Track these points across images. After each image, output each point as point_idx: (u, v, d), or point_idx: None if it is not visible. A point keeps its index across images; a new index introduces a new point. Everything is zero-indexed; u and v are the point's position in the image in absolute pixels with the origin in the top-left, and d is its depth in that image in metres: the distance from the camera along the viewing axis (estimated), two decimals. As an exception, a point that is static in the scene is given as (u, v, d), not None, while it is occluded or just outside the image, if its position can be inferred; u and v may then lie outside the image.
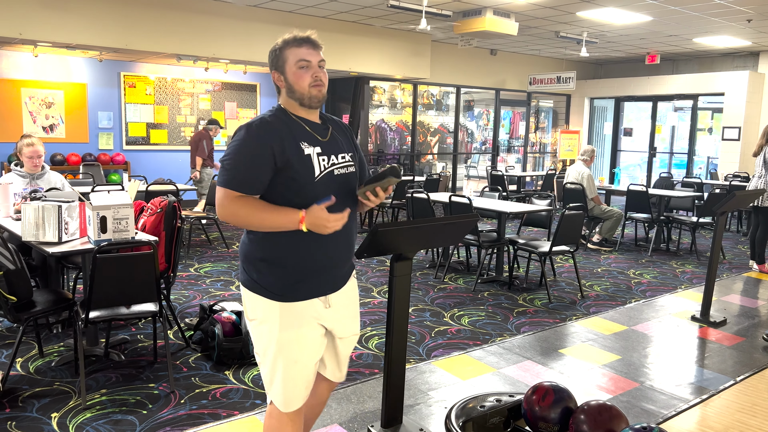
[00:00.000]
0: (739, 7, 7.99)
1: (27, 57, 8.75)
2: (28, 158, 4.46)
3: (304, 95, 2.03)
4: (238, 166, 1.94)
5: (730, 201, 4.56)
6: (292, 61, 2.02)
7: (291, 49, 2.03)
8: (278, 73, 2.06)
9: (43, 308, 3.34)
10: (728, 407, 3.33)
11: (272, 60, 2.08)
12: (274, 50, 2.08)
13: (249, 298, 2.06)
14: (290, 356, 2.03)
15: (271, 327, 2.02)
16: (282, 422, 2.09)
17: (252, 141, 1.95)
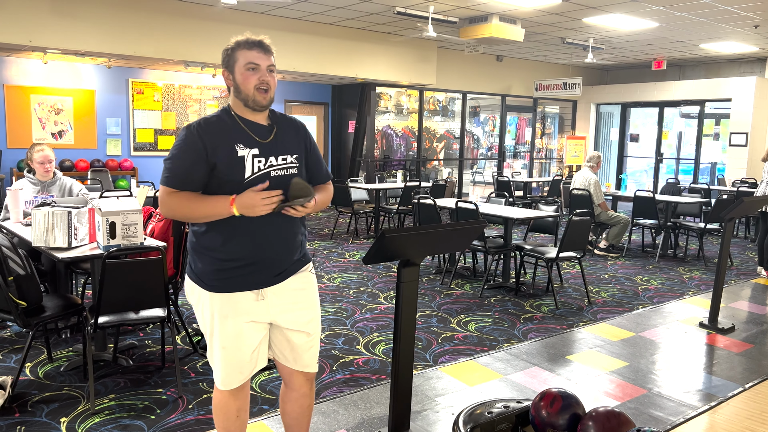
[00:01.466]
0: (745, 12, 7.98)
1: (36, 64, 8.83)
2: (39, 164, 4.49)
3: (249, 97, 2.11)
4: (175, 164, 2.07)
5: (738, 207, 4.55)
6: (241, 63, 2.10)
7: (242, 50, 2.11)
8: (228, 72, 2.15)
9: (52, 313, 3.36)
10: (737, 414, 3.32)
11: (224, 59, 2.16)
12: (226, 50, 2.15)
13: (187, 284, 2.23)
14: (219, 342, 2.18)
15: (204, 313, 2.19)
16: (223, 396, 2.26)
17: (189, 140, 2.06)
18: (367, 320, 4.78)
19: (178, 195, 2.06)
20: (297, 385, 2.36)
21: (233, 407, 2.27)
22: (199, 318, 2.23)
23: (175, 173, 2.07)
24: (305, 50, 9.35)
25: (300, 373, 2.35)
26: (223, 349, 2.17)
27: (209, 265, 2.13)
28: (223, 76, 2.17)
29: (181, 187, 2.06)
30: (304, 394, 2.39)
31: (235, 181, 2.08)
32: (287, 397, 2.40)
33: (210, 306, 2.15)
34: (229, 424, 2.29)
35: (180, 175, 2.06)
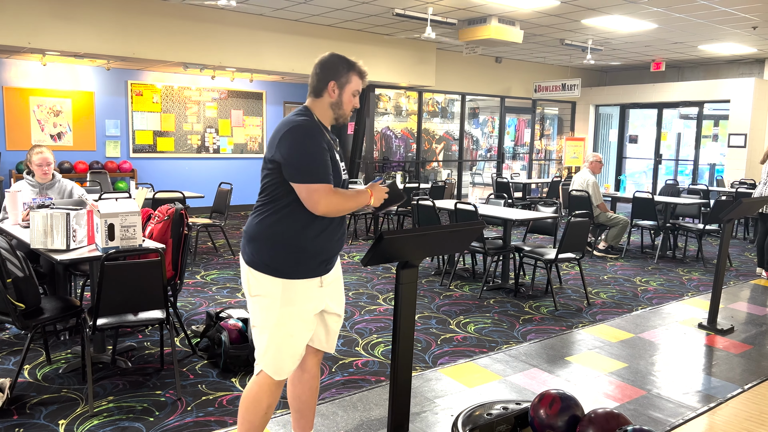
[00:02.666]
0: (744, 14, 7.99)
1: (35, 66, 8.83)
2: (37, 166, 4.49)
3: (343, 115, 2.36)
4: (318, 161, 2.18)
5: (737, 208, 4.55)
6: (352, 86, 2.34)
7: (355, 76, 2.35)
8: (337, 86, 2.32)
9: (50, 315, 3.35)
10: (736, 415, 3.31)
11: (335, 72, 2.32)
12: (342, 66, 2.33)
13: (253, 275, 2.29)
14: (287, 330, 2.28)
15: (272, 302, 2.26)
16: (265, 388, 2.32)
17: (316, 140, 2.20)
18: (366, 322, 4.78)
19: (337, 191, 2.22)
20: (310, 367, 2.53)
21: (266, 402, 2.33)
22: (261, 309, 2.28)
23: (325, 170, 2.20)
24: (304, 52, 9.35)
25: (316, 355, 2.53)
26: (291, 337, 2.28)
27: (290, 255, 2.24)
28: (327, 86, 2.31)
29: (331, 181, 2.22)
30: (314, 375, 2.55)
31: (336, 184, 2.27)
32: (299, 380, 2.53)
33: (282, 294, 2.25)
34: (256, 419, 2.35)
35: (326, 171, 2.20)
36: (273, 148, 2.23)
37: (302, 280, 2.27)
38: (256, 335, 2.34)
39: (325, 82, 2.31)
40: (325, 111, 2.34)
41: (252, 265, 2.28)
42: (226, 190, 7.23)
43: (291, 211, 2.24)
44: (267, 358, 2.30)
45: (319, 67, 2.35)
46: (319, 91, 2.32)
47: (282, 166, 2.20)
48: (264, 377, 2.33)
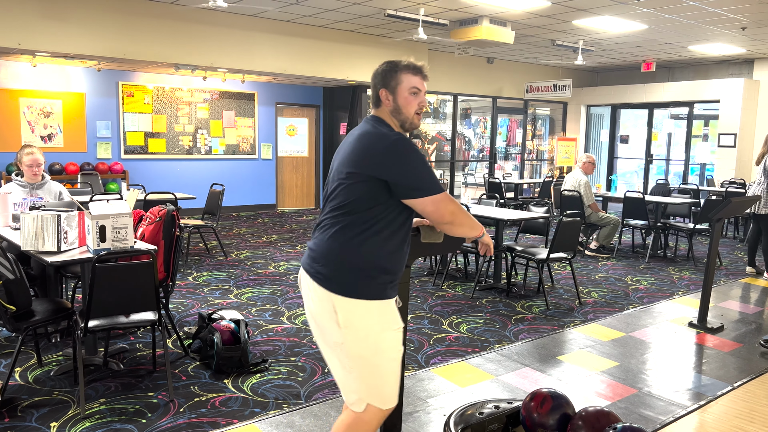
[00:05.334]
0: (733, 15, 8.05)
1: (25, 67, 8.78)
2: (27, 167, 4.47)
3: (407, 120, 2.17)
4: (429, 171, 2.07)
5: (727, 207, 4.59)
6: (405, 86, 2.15)
7: (406, 74, 2.16)
8: (388, 92, 2.16)
9: (42, 317, 3.34)
10: (726, 413, 3.34)
11: (383, 78, 2.17)
12: (388, 70, 2.17)
13: (344, 304, 2.05)
14: (390, 354, 2.10)
15: (370, 329, 2.06)
16: (375, 423, 2.13)
17: (416, 149, 2.08)
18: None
19: (455, 201, 2.11)
20: None
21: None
22: (358, 340, 2.06)
23: (437, 178, 2.10)
24: (296, 53, 9.35)
25: None
26: (394, 361, 2.11)
27: (381, 274, 2.08)
28: (380, 95, 2.18)
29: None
30: None
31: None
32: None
33: (380, 317, 2.08)
34: None
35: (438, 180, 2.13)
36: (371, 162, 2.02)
37: (390, 300, 2.12)
38: (353, 368, 2.08)
39: (377, 92, 2.19)
40: (390, 120, 2.18)
41: (341, 292, 2.04)
42: (218, 192, 7.22)
43: (378, 228, 2.05)
44: (375, 390, 2.08)
45: (372, 80, 2.24)
46: (377, 101, 2.20)
47: (392, 185, 2.02)
48: (373, 411, 2.11)
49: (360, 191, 2.03)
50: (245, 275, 6.22)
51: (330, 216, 2.10)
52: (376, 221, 2.05)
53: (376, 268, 2.06)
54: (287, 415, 3.16)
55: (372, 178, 2.02)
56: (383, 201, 2.04)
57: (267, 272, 6.38)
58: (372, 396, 2.09)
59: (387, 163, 2.00)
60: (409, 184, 2.02)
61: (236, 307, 5.09)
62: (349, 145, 2.11)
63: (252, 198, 11.30)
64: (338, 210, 2.07)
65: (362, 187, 2.03)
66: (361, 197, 2.03)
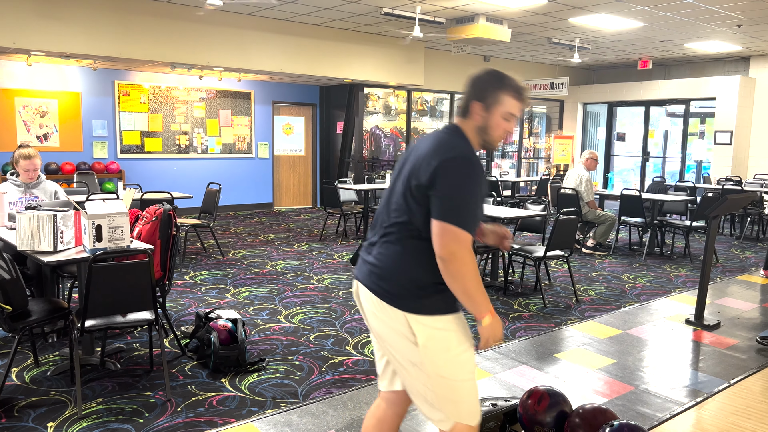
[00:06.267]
0: (729, 12, 8.06)
1: (21, 66, 8.75)
2: (24, 171, 4.46)
3: (492, 141, 2.01)
4: (471, 206, 1.87)
5: (723, 205, 4.60)
6: (503, 108, 1.97)
7: (509, 96, 1.97)
8: (483, 108, 1.98)
9: (38, 317, 3.33)
10: (723, 410, 3.35)
11: (481, 91, 1.98)
12: (491, 84, 1.97)
13: (421, 323, 1.94)
14: (469, 367, 2.00)
15: (449, 345, 1.95)
16: None
17: (479, 179, 1.89)
18: (356, 321, 4.78)
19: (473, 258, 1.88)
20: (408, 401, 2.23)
21: None
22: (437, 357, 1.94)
23: (473, 219, 1.87)
24: (292, 51, 9.33)
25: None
26: (472, 374, 2.00)
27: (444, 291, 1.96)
28: (472, 108, 1.99)
29: (473, 233, 1.90)
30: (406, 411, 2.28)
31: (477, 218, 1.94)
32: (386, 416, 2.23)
33: (455, 330, 1.97)
34: None
35: (476, 222, 1.88)
36: (426, 172, 1.89)
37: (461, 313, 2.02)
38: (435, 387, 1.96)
39: (470, 103, 1.99)
40: (472, 134, 2.00)
41: (417, 310, 1.93)
42: (214, 191, 7.21)
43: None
44: (461, 407, 1.98)
45: (467, 84, 2.03)
46: (464, 111, 2.01)
47: (431, 196, 1.88)
48: (461, 428, 2.00)
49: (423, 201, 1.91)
50: (242, 274, 6.21)
51: (395, 229, 1.97)
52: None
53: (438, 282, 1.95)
54: (285, 414, 3.16)
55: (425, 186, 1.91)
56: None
57: (264, 271, 6.37)
58: (460, 414, 1.99)
59: (437, 174, 1.87)
60: (442, 202, 1.86)
61: (233, 306, 5.09)
62: (419, 153, 1.96)
63: (249, 197, 11.29)
64: (404, 224, 1.95)
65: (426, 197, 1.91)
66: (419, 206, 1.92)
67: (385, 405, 2.22)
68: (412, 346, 1.95)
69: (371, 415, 2.26)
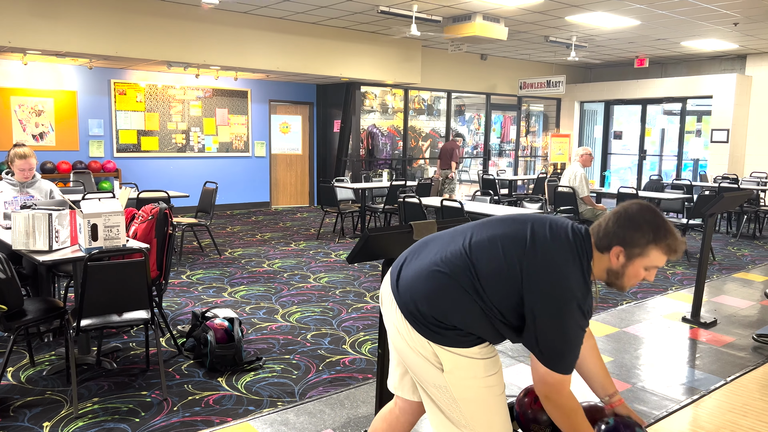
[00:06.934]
0: (725, 10, 8.07)
1: (16, 65, 8.72)
2: (19, 170, 4.44)
3: (621, 287, 1.84)
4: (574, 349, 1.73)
5: (719, 203, 4.60)
6: (647, 262, 1.78)
7: (659, 252, 1.77)
8: (625, 255, 1.78)
9: (34, 317, 3.32)
10: (719, 407, 3.35)
11: (632, 237, 1.76)
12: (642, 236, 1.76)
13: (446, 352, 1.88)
14: (498, 389, 1.94)
15: (474, 371, 1.89)
16: None
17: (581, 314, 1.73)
18: (353, 320, 4.78)
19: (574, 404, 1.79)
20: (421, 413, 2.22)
21: None
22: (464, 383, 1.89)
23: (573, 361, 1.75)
24: (289, 50, 9.32)
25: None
26: (502, 395, 1.95)
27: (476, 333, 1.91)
28: (614, 252, 1.78)
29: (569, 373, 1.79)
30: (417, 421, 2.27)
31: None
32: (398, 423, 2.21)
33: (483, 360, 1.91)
34: None
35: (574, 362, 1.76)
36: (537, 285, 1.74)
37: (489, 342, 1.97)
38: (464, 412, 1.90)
39: (611, 241, 1.78)
40: (601, 270, 1.82)
41: (440, 342, 1.86)
42: (211, 190, 7.19)
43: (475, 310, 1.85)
44: (495, 427, 1.92)
45: (615, 218, 1.79)
46: (603, 247, 1.79)
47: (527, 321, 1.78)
48: None
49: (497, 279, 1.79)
50: (239, 273, 6.20)
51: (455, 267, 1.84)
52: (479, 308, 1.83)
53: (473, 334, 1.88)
54: (281, 413, 3.16)
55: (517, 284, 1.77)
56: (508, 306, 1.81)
57: (261, 270, 6.36)
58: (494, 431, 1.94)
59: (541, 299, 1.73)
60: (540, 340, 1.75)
61: (230, 305, 5.08)
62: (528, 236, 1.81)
63: (245, 196, 11.27)
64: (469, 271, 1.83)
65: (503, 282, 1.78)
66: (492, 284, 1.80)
67: (398, 412, 2.21)
68: (437, 371, 1.89)
69: (382, 418, 2.24)
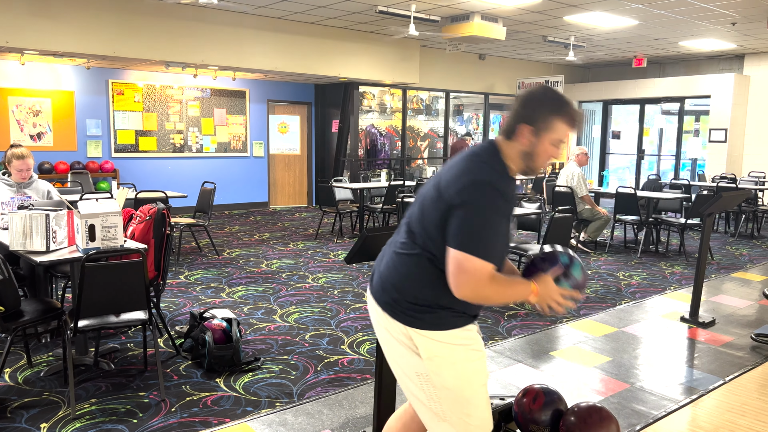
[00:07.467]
0: (723, 10, 8.08)
1: (14, 65, 8.70)
2: (17, 171, 4.43)
3: (535, 168, 1.87)
4: (491, 234, 1.74)
5: (718, 202, 4.61)
6: (554, 135, 1.83)
7: (562, 122, 1.83)
8: (533, 132, 1.83)
9: (31, 318, 3.31)
10: (718, 407, 3.35)
11: (534, 112, 1.83)
12: (544, 108, 1.83)
13: (425, 336, 1.88)
14: (479, 380, 1.93)
15: (455, 358, 1.89)
16: None
17: (503, 205, 1.76)
18: (351, 320, 4.77)
19: (494, 279, 1.76)
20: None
21: None
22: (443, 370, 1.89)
23: (494, 248, 1.75)
24: (287, 50, 9.31)
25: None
26: (483, 386, 1.94)
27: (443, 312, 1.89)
28: (520, 131, 1.83)
29: (498, 263, 1.79)
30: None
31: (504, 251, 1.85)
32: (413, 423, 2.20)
33: (462, 343, 1.90)
34: None
35: (500, 249, 1.78)
36: (451, 190, 1.79)
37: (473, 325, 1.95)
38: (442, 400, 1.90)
39: (517, 124, 1.84)
40: (514, 158, 1.86)
41: (419, 326, 1.87)
42: (209, 190, 7.18)
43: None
44: (469, 419, 1.90)
45: (517, 102, 1.87)
46: (509, 132, 1.86)
47: (451, 218, 1.78)
48: None
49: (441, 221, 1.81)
50: (237, 273, 6.19)
51: (406, 240, 1.89)
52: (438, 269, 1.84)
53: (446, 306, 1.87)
54: (280, 414, 3.15)
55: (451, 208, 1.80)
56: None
57: (259, 270, 6.35)
58: (468, 427, 1.92)
59: (460, 195, 1.76)
60: (458, 227, 1.74)
61: (228, 305, 5.07)
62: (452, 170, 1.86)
63: (244, 196, 11.26)
64: (415, 235, 1.87)
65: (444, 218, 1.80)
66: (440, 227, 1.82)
67: (412, 412, 2.20)
68: (416, 358, 1.89)
69: (398, 417, 2.23)
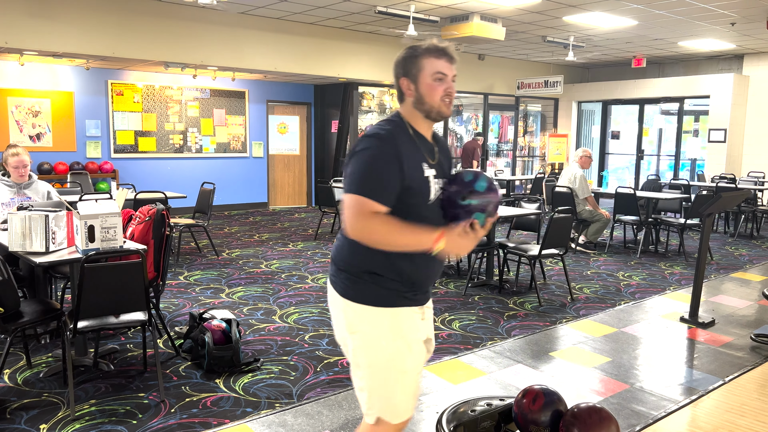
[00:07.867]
0: (722, 10, 8.08)
1: (13, 66, 8.70)
2: (14, 168, 4.43)
3: (433, 109, 1.95)
4: (373, 174, 1.82)
5: (717, 202, 4.61)
6: (428, 72, 1.93)
7: (429, 58, 1.94)
8: (409, 81, 1.96)
9: (30, 319, 3.31)
10: (717, 407, 3.35)
11: (404, 66, 1.97)
12: (408, 56, 1.96)
13: (352, 309, 1.96)
14: (400, 366, 1.96)
15: (378, 337, 1.95)
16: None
17: (384, 151, 1.85)
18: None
19: (380, 217, 1.81)
20: None
21: None
22: (366, 347, 1.96)
23: (373, 183, 1.81)
24: (287, 50, 9.31)
25: None
26: (405, 374, 1.98)
27: (386, 284, 1.94)
28: (402, 86, 1.97)
29: (382, 200, 1.83)
30: None
31: (420, 202, 1.92)
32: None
33: (389, 326, 1.94)
34: None
35: (380, 186, 1.82)
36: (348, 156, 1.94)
37: (407, 309, 1.98)
38: (362, 377, 1.98)
39: (398, 82, 1.98)
40: (411, 113, 1.97)
41: (348, 296, 1.96)
42: (208, 190, 7.18)
43: None
44: (384, 402, 1.97)
45: (393, 70, 2.02)
46: (399, 95, 2.00)
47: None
48: (384, 425, 1.99)
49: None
50: (237, 274, 6.19)
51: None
52: None
53: (378, 273, 1.93)
54: (279, 415, 3.15)
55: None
56: None
57: (259, 271, 6.35)
58: (381, 408, 1.98)
59: (351, 152, 1.90)
60: (347, 175, 1.87)
61: (228, 306, 5.07)
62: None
63: (243, 196, 11.26)
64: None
65: None
66: None
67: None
68: (346, 332, 2.00)
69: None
